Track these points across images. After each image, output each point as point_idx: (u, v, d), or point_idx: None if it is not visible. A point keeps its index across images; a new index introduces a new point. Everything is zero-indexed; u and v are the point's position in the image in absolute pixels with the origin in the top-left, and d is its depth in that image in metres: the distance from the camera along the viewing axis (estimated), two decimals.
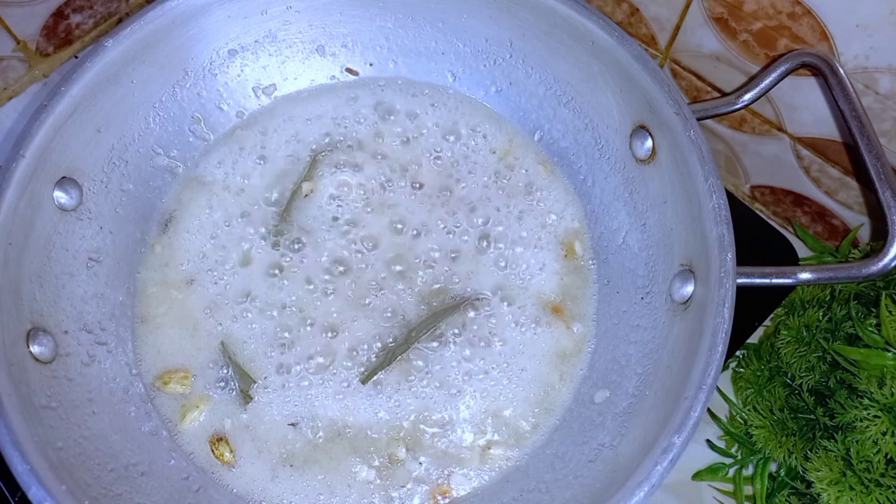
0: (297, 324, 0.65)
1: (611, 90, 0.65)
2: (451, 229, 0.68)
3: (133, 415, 0.60)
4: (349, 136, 0.72)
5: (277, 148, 0.71)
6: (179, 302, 0.65)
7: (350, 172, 0.70)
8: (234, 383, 0.62)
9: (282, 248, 0.67)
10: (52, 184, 0.60)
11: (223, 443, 0.60)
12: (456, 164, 0.71)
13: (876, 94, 0.61)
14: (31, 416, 0.52)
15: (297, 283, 0.66)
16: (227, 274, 0.66)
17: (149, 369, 0.63)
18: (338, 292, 0.66)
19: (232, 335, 0.64)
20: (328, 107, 0.73)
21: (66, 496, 0.49)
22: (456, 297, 0.66)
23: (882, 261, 0.54)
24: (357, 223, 0.68)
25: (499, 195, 0.70)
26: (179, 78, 0.69)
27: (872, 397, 0.53)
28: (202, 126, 0.71)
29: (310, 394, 0.62)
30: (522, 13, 0.67)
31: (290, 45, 0.72)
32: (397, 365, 0.63)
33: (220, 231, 0.68)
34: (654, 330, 0.61)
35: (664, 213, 0.62)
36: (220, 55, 0.70)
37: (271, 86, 0.73)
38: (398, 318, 0.65)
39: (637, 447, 0.53)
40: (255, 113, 0.73)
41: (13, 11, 0.74)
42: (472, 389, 0.63)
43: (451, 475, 0.60)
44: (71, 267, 0.62)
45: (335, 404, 0.62)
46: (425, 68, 0.74)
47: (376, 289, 0.66)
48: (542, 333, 0.65)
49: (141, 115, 0.67)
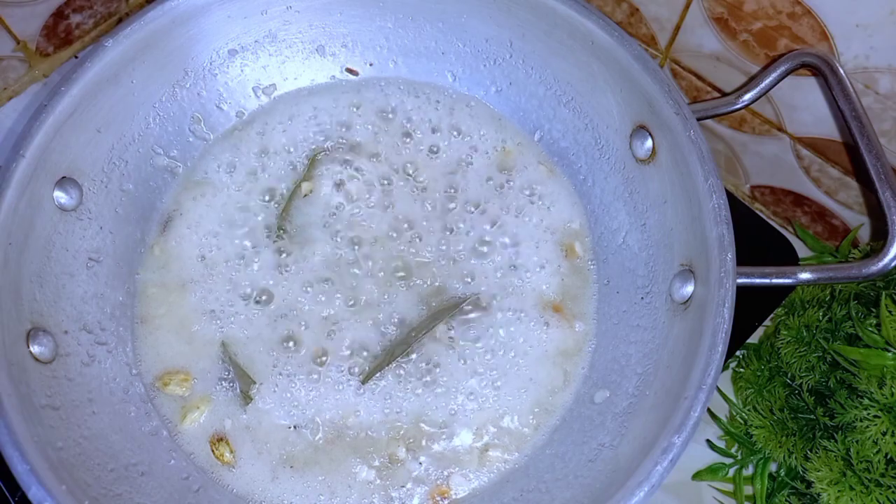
0: (296, 324, 0.65)
1: (611, 90, 0.65)
2: (450, 229, 0.68)
3: (133, 415, 0.60)
4: (349, 136, 0.72)
5: (277, 148, 0.71)
6: (179, 303, 0.65)
7: (350, 172, 0.70)
8: (234, 384, 0.62)
9: (281, 249, 0.67)
10: (52, 184, 0.60)
11: (223, 443, 0.60)
12: (456, 164, 0.71)
13: (876, 94, 0.61)
14: (31, 415, 0.52)
15: (296, 283, 0.66)
16: (227, 274, 0.66)
17: (149, 370, 0.63)
18: (338, 292, 0.66)
19: (232, 336, 0.64)
20: (328, 107, 0.73)
21: (66, 496, 0.49)
22: (455, 296, 0.66)
23: (882, 261, 0.54)
24: (356, 223, 0.68)
25: (499, 195, 0.70)
26: (179, 78, 0.69)
27: (872, 397, 0.53)
28: (202, 126, 0.71)
29: (310, 394, 0.62)
30: (522, 13, 0.67)
31: (290, 45, 0.72)
32: (397, 365, 0.63)
33: (220, 231, 0.68)
34: (654, 330, 0.60)
35: (664, 213, 0.62)
36: (220, 55, 0.70)
37: (271, 86, 0.73)
38: (397, 318, 0.65)
39: (637, 447, 0.53)
40: (254, 113, 0.73)
41: (13, 11, 0.74)
42: (473, 389, 0.63)
43: (450, 476, 0.60)
44: (71, 267, 0.62)
45: (335, 405, 0.62)
46: (425, 68, 0.74)
47: (376, 288, 0.66)
48: (543, 333, 0.65)
49: (141, 115, 0.67)
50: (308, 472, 0.60)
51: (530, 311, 0.65)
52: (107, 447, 0.57)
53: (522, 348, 0.64)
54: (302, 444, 0.61)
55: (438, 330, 0.64)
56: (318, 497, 0.59)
